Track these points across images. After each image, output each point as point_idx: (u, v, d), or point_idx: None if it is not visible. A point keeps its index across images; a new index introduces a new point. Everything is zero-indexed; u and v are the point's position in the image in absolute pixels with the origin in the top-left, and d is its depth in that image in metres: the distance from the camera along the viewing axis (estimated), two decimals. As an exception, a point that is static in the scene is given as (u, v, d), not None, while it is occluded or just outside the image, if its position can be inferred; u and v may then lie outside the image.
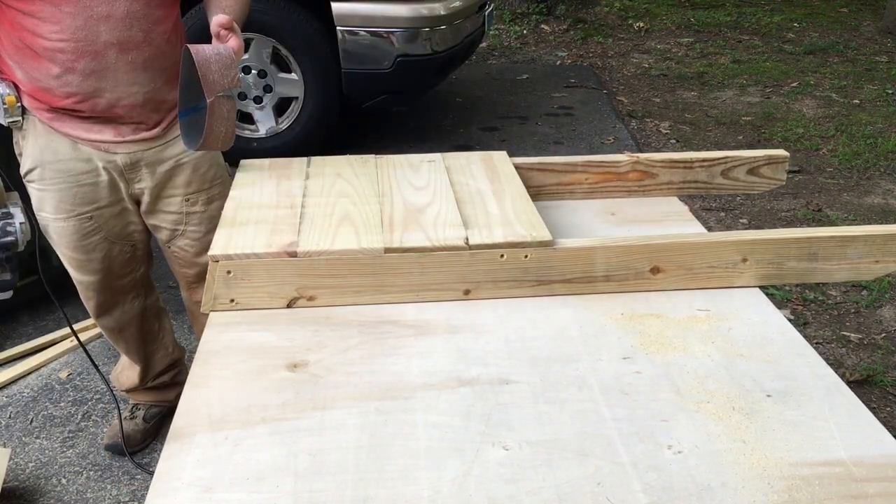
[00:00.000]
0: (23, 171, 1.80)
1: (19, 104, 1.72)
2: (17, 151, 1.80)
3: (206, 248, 1.94)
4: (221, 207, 1.45)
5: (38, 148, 1.76)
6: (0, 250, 2.04)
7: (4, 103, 1.70)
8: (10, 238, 2.01)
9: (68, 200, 1.79)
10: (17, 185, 1.94)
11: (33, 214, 1.86)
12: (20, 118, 1.73)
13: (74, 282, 1.95)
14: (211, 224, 1.90)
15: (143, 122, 1.78)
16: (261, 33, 3.96)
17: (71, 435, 2.33)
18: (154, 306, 2.18)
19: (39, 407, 2.45)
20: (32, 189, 1.81)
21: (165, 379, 2.30)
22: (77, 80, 1.67)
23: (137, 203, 1.89)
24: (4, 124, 1.74)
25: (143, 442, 2.29)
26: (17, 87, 1.71)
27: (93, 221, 1.83)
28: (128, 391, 2.30)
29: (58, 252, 1.90)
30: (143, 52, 1.71)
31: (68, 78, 1.66)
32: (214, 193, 1.92)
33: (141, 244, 1.98)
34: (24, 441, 2.31)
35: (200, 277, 1.99)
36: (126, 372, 2.26)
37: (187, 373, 1.16)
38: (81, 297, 1.99)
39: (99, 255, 1.89)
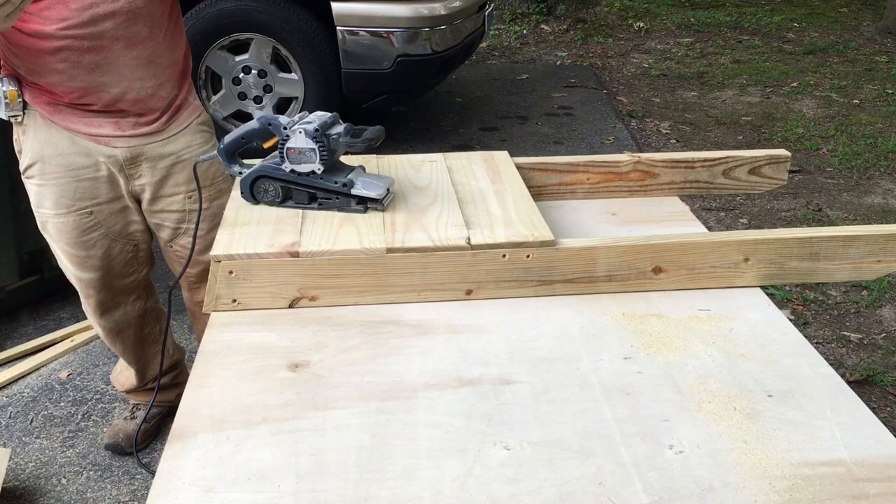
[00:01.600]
0: (22, 167, 1.80)
1: (21, 99, 1.72)
2: (16, 149, 1.80)
3: (209, 245, 1.94)
4: (223, 205, 1.45)
5: (38, 142, 1.76)
6: None
7: (6, 97, 1.70)
8: None
9: (68, 195, 1.79)
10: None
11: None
12: (21, 113, 1.73)
13: (73, 280, 1.95)
14: (213, 221, 1.90)
15: (143, 115, 1.79)
16: (261, 33, 3.96)
17: (71, 435, 2.33)
18: (154, 309, 2.18)
19: (39, 407, 2.45)
20: (31, 185, 1.81)
21: (166, 380, 2.29)
22: (82, 74, 1.67)
23: (138, 202, 1.89)
24: (4, 118, 1.73)
25: (144, 442, 2.29)
26: (19, 82, 1.71)
27: (92, 217, 1.83)
28: (127, 392, 2.31)
29: (56, 250, 1.89)
30: (148, 47, 1.71)
31: (73, 72, 1.66)
32: (217, 191, 1.93)
33: (143, 244, 1.98)
34: (24, 441, 2.31)
35: (203, 276, 2.00)
36: (125, 373, 2.26)
37: (187, 373, 1.16)
38: (81, 295, 1.99)
39: (99, 252, 1.88)
